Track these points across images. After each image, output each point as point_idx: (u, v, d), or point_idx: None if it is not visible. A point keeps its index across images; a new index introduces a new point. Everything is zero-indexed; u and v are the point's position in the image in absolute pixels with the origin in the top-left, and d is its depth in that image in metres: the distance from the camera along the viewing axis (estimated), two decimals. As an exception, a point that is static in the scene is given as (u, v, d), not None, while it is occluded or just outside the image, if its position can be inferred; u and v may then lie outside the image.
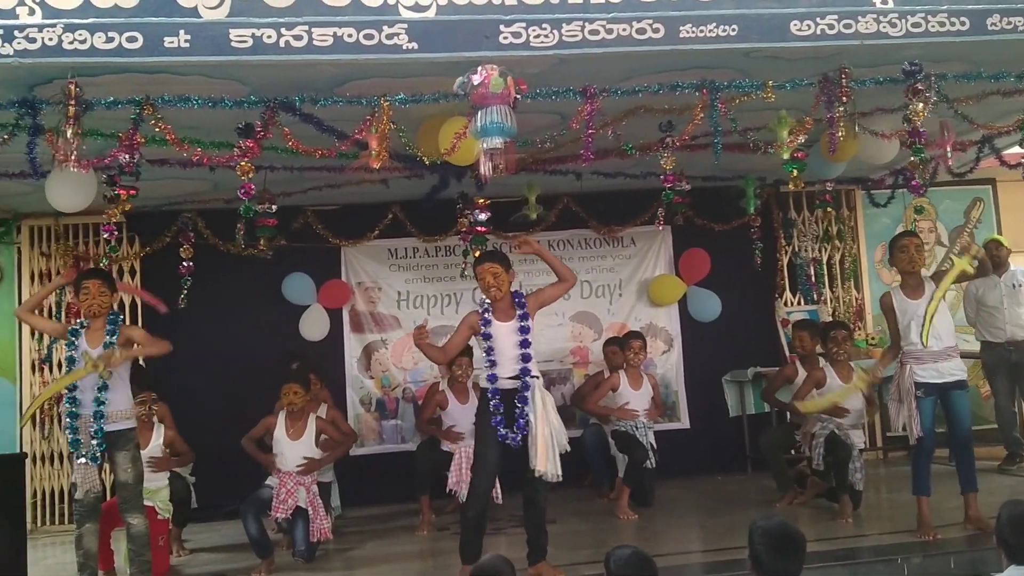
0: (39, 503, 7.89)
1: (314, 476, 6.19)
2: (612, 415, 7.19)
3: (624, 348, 7.34)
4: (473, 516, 5.06)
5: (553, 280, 5.28)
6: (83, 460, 4.99)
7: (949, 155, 6.24)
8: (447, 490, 6.74)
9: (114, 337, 5.11)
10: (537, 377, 5.10)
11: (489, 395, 5.06)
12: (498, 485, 6.15)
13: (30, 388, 8.01)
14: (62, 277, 5.88)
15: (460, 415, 6.84)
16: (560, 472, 4.98)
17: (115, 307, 5.35)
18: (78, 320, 5.35)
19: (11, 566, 4.82)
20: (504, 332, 5.12)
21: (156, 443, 6.14)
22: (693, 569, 5.35)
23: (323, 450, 6.26)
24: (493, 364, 5.09)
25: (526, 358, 5.07)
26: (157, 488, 6.02)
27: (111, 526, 5.65)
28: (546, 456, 4.90)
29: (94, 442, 4.99)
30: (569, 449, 5.14)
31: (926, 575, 4.97)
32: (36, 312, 5.77)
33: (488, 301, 5.19)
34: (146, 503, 5.81)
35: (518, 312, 5.16)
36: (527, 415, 4.96)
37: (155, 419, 6.25)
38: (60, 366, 7.96)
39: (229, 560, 6.32)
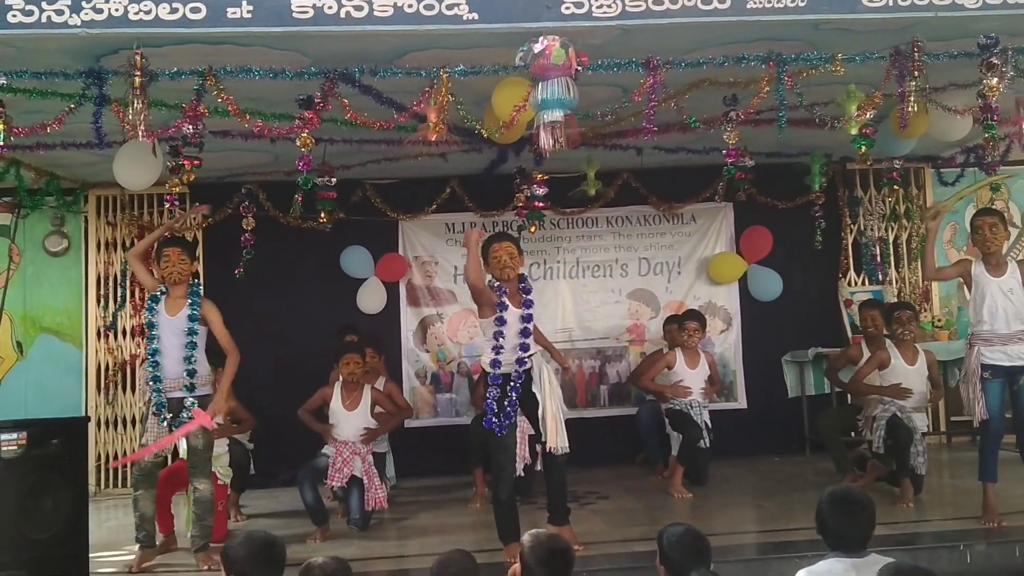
0: (102, 466, 8.09)
1: (370, 446, 6.24)
2: (666, 392, 7.13)
3: (681, 328, 7.27)
4: (506, 498, 5.13)
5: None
6: (165, 423, 5.19)
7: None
8: None
9: (195, 308, 5.26)
10: (528, 361, 5.11)
11: (490, 380, 5.09)
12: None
13: (95, 354, 8.20)
14: (174, 220, 6.14)
15: None
16: (567, 445, 5.08)
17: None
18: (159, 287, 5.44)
19: (73, 527, 4.91)
20: (512, 318, 5.09)
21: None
22: (747, 549, 5.29)
23: (378, 422, 6.31)
24: (500, 350, 5.06)
25: (525, 347, 5.08)
26: (217, 454, 6.10)
27: (172, 491, 5.77)
28: (556, 432, 5.06)
29: (188, 403, 5.21)
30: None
31: (990, 563, 4.85)
32: (143, 261, 5.64)
33: (500, 283, 5.12)
34: None
35: (524, 298, 5.15)
36: (515, 404, 5.03)
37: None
38: (125, 333, 8.17)
39: (285, 526, 6.40)
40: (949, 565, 4.82)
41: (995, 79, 5.00)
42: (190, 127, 5.04)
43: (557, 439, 5.07)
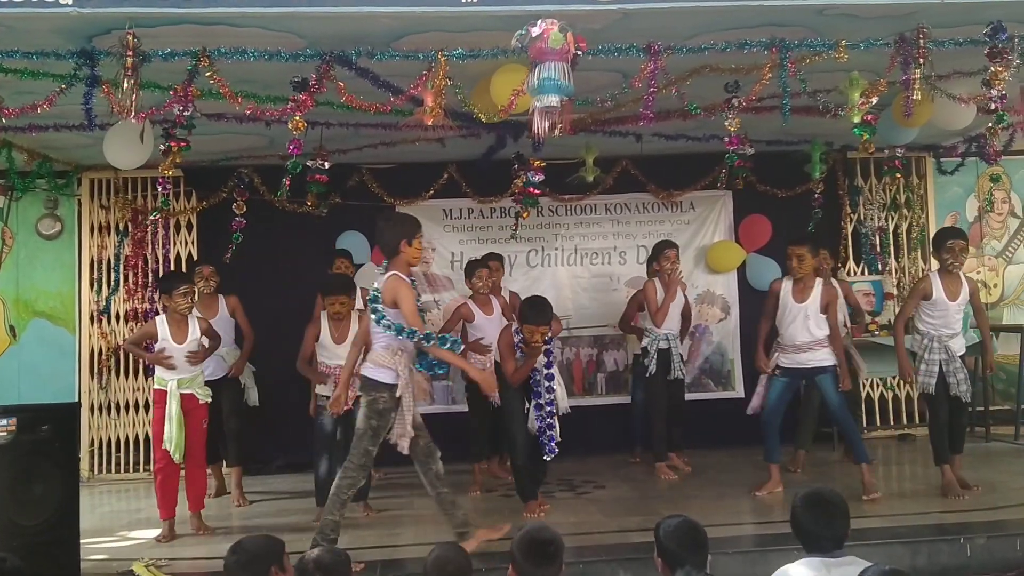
0: (95, 452, 8.04)
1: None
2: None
3: (659, 259, 7.16)
4: (523, 463, 5.93)
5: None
6: None
7: (1028, 122, 5.98)
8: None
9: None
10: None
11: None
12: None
13: (88, 339, 8.14)
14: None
15: (487, 326, 6.78)
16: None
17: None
18: None
19: (64, 513, 4.86)
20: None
21: (193, 338, 5.95)
22: (744, 540, 5.26)
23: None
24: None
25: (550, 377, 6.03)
26: (193, 376, 5.92)
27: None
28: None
29: None
30: (569, 410, 6.18)
31: (990, 556, 4.83)
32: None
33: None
34: (185, 391, 5.83)
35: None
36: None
37: (190, 314, 6.14)
38: (119, 318, 8.11)
39: (279, 512, 6.39)
40: (949, 558, 4.81)
41: (1002, 67, 4.95)
42: (179, 108, 4.97)
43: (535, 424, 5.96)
